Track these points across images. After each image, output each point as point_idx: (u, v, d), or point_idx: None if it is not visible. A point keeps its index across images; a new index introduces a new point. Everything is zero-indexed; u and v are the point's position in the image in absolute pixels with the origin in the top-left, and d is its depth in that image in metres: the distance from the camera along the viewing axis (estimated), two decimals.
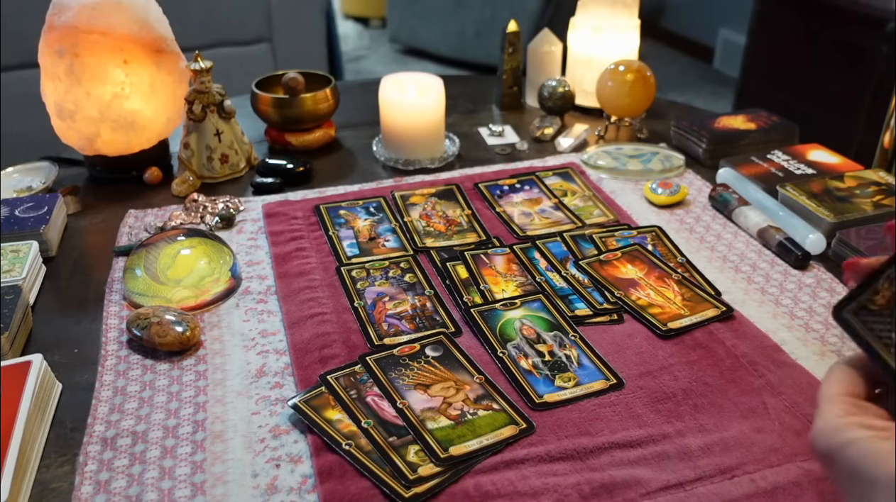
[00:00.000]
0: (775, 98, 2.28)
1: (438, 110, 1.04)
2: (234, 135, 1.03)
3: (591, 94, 1.19)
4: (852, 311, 0.45)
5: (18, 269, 0.77)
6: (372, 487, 0.54)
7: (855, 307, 0.45)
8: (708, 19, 3.68)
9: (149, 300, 0.74)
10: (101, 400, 0.64)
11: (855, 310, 0.45)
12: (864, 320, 0.45)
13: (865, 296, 0.45)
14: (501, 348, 0.69)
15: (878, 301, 0.45)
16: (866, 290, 0.45)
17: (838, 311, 0.46)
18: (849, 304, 0.46)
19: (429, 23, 3.58)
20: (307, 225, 0.89)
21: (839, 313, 0.46)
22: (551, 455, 0.57)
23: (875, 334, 0.44)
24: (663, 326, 0.71)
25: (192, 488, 0.55)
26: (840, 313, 0.46)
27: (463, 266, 0.81)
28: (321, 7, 2.39)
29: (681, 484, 0.55)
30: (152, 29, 0.95)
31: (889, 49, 1.93)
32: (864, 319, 0.45)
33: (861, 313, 0.45)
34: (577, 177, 1.00)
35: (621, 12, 1.18)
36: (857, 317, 0.45)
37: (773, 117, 1.10)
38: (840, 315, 0.46)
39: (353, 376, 0.64)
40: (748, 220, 0.88)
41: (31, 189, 0.98)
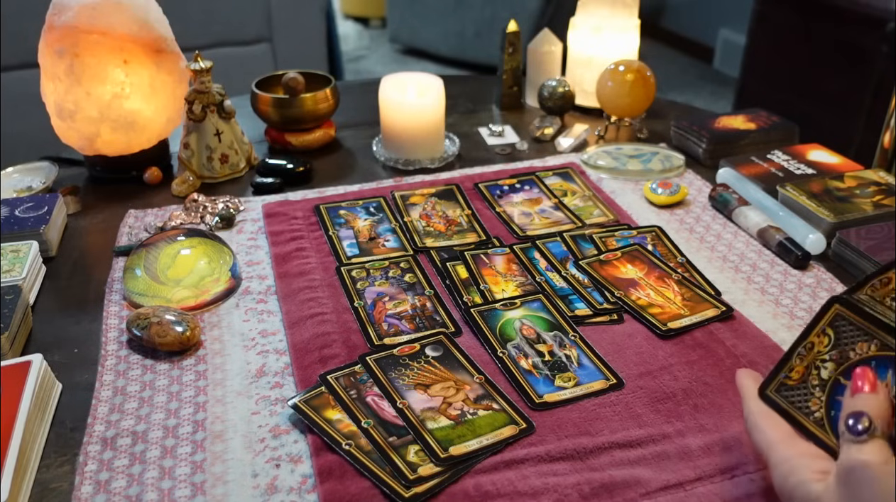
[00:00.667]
0: (775, 98, 2.28)
1: (438, 110, 1.04)
2: (234, 135, 1.03)
3: (591, 94, 1.19)
4: (774, 390, 0.52)
5: (18, 269, 0.77)
6: (372, 487, 0.54)
7: (776, 385, 0.52)
8: (708, 19, 3.68)
9: (149, 300, 0.74)
10: (101, 400, 0.64)
11: (776, 387, 0.52)
12: (784, 395, 0.51)
13: (783, 375, 0.51)
14: (501, 348, 0.69)
15: (793, 376, 0.51)
16: (783, 368, 0.52)
17: (763, 392, 0.52)
18: (770, 384, 0.52)
19: (429, 23, 3.58)
20: (307, 225, 0.89)
21: (764, 393, 0.52)
22: (551, 455, 0.57)
23: (795, 407, 0.50)
24: (663, 326, 0.71)
25: (192, 488, 0.55)
26: (764, 393, 0.52)
27: (463, 266, 0.81)
28: (321, 7, 2.39)
29: (681, 484, 0.55)
30: (152, 29, 0.95)
31: (889, 49, 1.93)
32: (784, 394, 0.51)
33: (781, 390, 0.51)
34: (577, 177, 1.00)
35: (621, 12, 1.18)
36: (779, 393, 0.51)
37: (773, 117, 1.10)
38: (765, 395, 0.52)
39: (353, 376, 0.64)
40: (748, 220, 0.88)
41: (31, 189, 0.98)
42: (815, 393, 0.50)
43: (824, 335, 0.51)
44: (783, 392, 0.51)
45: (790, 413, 0.50)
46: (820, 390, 0.49)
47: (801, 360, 0.51)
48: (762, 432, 0.50)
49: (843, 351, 0.49)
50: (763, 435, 0.50)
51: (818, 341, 0.51)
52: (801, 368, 0.51)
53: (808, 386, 0.50)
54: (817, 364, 0.50)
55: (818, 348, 0.50)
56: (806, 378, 0.50)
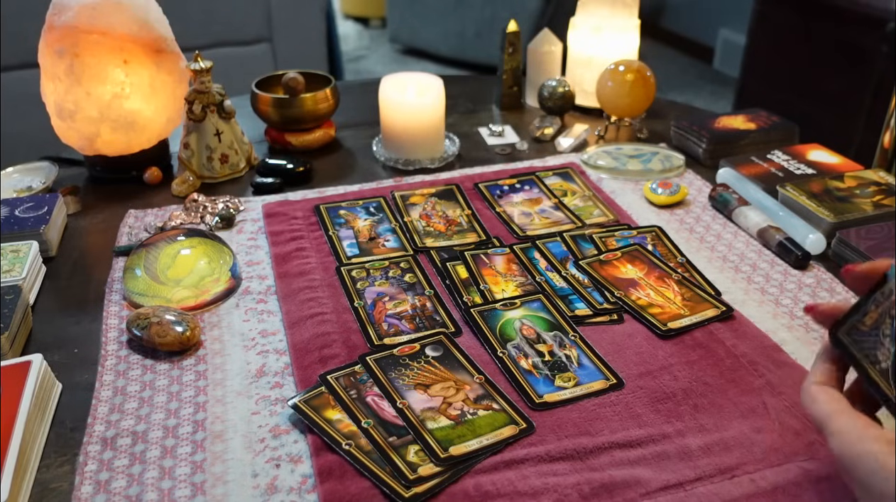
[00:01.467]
0: (775, 98, 2.28)
1: (438, 110, 1.04)
2: (234, 135, 1.03)
3: (591, 94, 1.19)
4: (845, 332, 0.50)
5: (18, 269, 0.77)
6: (372, 487, 0.54)
7: (847, 328, 0.50)
8: (708, 19, 3.68)
9: (149, 300, 0.74)
10: (101, 400, 0.64)
11: (847, 330, 0.50)
12: (854, 339, 0.50)
13: (856, 318, 0.50)
14: (501, 348, 0.69)
15: (866, 322, 0.50)
16: (857, 312, 0.50)
17: (834, 333, 0.50)
18: (842, 326, 0.50)
19: (429, 23, 3.58)
20: (307, 225, 0.89)
21: (834, 334, 0.50)
22: (551, 455, 0.57)
23: (863, 352, 0.49)
24: (663, 326, 0.71)
25: (192, 488, 0.55)
26: (835, 334, 0.50)
27: (463, 266, 0.81)
28: (321, 7, 2.39)
29: (681, 484, 0.55)
30: (152, 29, 0.95)
31: (889, 49, 1.93)
32: (855, 338, 0.50)
33: (853, 333, 0.50)
34: (577, 177, 1.00)
35: (621, 12, 1.18)
36: (850, 336, 0.50)
37: (773, 117, 1.10)
38: (835, 335, 0.50)
39: (353, 376, 0.64)
40: (748, 220, 0.88)
41: (31, 189, 0.98)
42: (885, 342, 0.48)
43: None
44: (854, 335, 0.49)
45: (857, 358, 0.49)
46: (891, 341, 0.48)
47: (876, 306, 0.49)
48: (820, 403, 0.49)
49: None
50: (822, 406, 0.49)
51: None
52: (875, 314, 0.49)
53: (879, 334, 0.48)
54: (892, 313, 0.48)
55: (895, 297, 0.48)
56: (879, 325, 0.49)
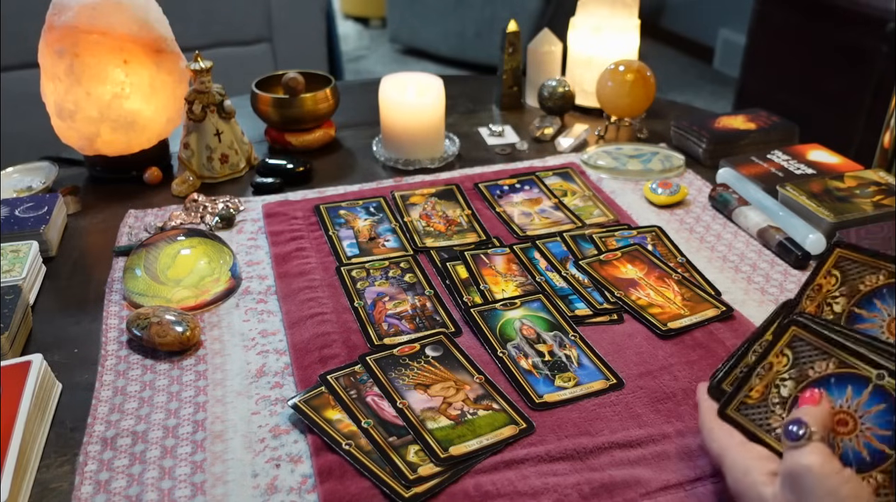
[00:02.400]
0: (775, 98, 2.28)
1: (438, 110, 1.04)
2: (234, 135, 1.03)
3: (591, 94, 1.19)
4: (734, 409, 0.53)
5: (18, 269, 0.77)
6: (372, 487, 0.54)
7: (736, 404, 0.52)
8: (708, 19, 3.68)
9: (149, 300, 0.74)
10: (101, 400, 0.64)
11: (736, 407, 0.52)
12: (745, 414, 0.52)
13: (742, 394, 0.52)
14: (501, 348, 0.69)
15: (753, 396, 0.52)
16: (741, 390, 0.53)
17: (723, 412, 0.53)
18: (730, 404, 0.53)
19: (429, 23, 3.58)
20: (307, 225, 0.89)
21: (724, 413, 0.53)
22: (551, 455, 0.57)
23: (756, 424, 0.51)
24: (663, 326, 0.71)
25: (192, 488, 0.55)
26: (725, 413, 0.53)
27: (463, 266, 0.81)
28: (321, 7, 2.39)
29: (681, 484, 0.55)
30: (152, 29, 0.95)
31: (889, 49, 1.93)
32: (745, 412, 0.52)
33: (742, 408, 0.53)
34: (577, 177, 1.00)
35: (621, 12, 1.18)
36: (740, 412, 0.52)
37: (773, 117, 1.10)
38: (725, 414, 0.53)
39: (353, 376, 0.64)
40: (748, 220, 0.88)
41: (31, 189, 0.98)
42: (775, 410, 0.51)
43: (783, 355, 0.52)
44: (743, 410, 0.52)
45: (751, 430, 0.51)
46: (781, 407, 0.51)
47: (760, 380, 0.52)
48: (717, 439, 0.52)
49: (803, 369, 0.51)
50: (718, 442, 0.51)
51: (777, 361, 0.52)
52: (761, 387, 0.52)
53: (768, 404, 0.51)
54: (777, 383, 0.52)
55: (777, 368, 0.52)
56: (766, 396, 0.52)
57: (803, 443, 0.45)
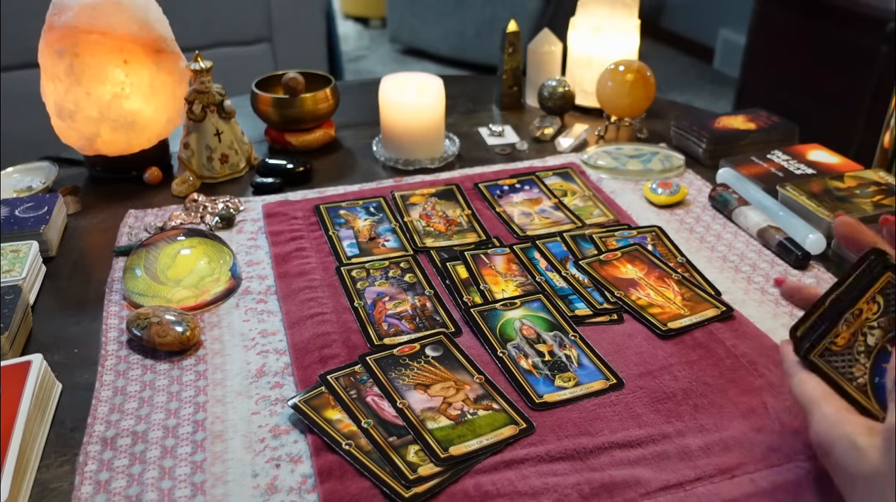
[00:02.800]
0: (775, 98, 2.28)
1: (438, 110, 1.04)
2: (234, 135, 1.03)
3: (591, 94, 1.19)
4: (818, 355, 0.51)
5: (18, 269, 0.77)
6: (372, 487, 0.54)
7: (820, 350, 0.51)
8: (708, 19, 3.68)
9: (149, 300, 0.74)
10: (101, 400, 0.64)
11: (820, 352, 0.51)
12: (828, 361, 0.51)
13: (828, 339, 0.51)
14: (501, 348, 0.69)
15: (839, 342, 0.51)
16: (828, 334, 0.51)
17: (807, 356, 0.51)
18: (815, 348, 0.51)
19: (429, 23, 3.58)
20: (307, 225, 0.89)
21: (807, 358, 0.51)
22: (551, 455, 0.57)
23: (839, 372, 0.50)
24: (663, 326, 0.71)
25: (192, 488, 0.55)
26: (808, 357, 0.51)
27: (463, 266, 0.81)
28: (321, 7, 2.39)
29: (681, 484, 0.55)
30: (152, 29, 0.95)
31: (889, 49, 1.93)
32: (829, 359, 0.51)
33: (826, 355, 0.51)
34: (577, 177, 1.00)
35: (621, 12, 1.18)
36: (823, 358, 0.51)
37: (773, 117, 1.10)
38: (808, 359, 0.51)
39: (353, 376, 0.64)
40: (748, 220, 0.88)
41: (31, 189, 0.98)
42: (860, 359, 0.50)
43: (874, 302, 0.50)
44: (827, 357, 0.51)
45: (833, 378, 0.50)
46: (865, 357, 0.50)
47: (847, 327, 0.50)
48: (807, 388, 0.50)
49: (892, 318, 0.49)
50: (807, 390, 0.50)
51: (867, 308, 0.50)
52: (847, 334, 0.50)
53: (853, 352, 0.50)
54: (864, 330, 0.50)
55: (866, 315, 0.50)
56: (852, 344, 0.50)
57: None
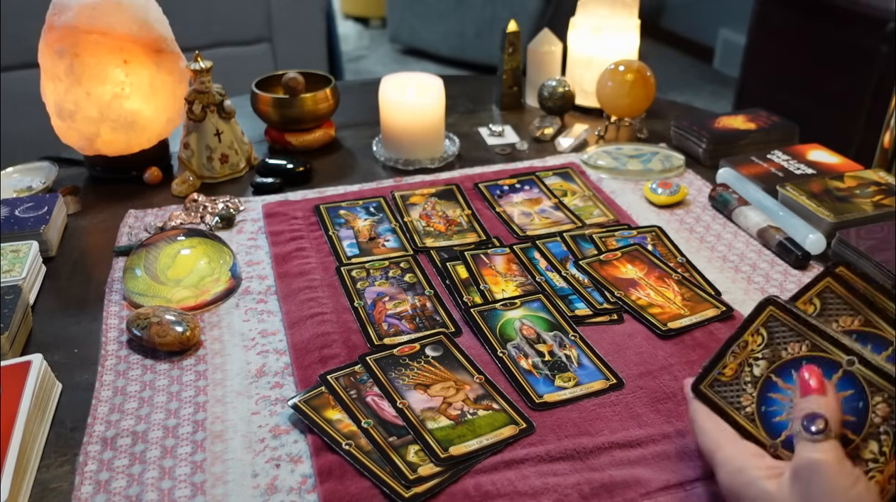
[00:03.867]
0: (775, 98, 2.28)
1: (438, 110, 1.04)
2: (234, 135, 1.03)
3: (591, 94, 1.19)
4: (707, 386, 0.53)
5: (18, 269, 0.77)
6: (372, 487, 0.55)
7: (709, 381, 0.53)
8: (708, 19, 3.68)
9: (149, 300, 0.74)
10: (101, 400, 0.64)
11: (710, 383, 0.53)
12: (717, 391, 0.53)
13: (717, 370, 0.53)
14: (501, 348, 0.69)
15: (727, 373, 0.53)
16: (716, 366, 0.53)
17: (697, 387, 0.53)
18: (703, 380, 0.53)
19: (429, 23, 3.58)
20: (307, 225, 0.89)
21: (698, 389, 0.53)
22: (551, 455, 0.57)
23: (727, 401, 0.52)
24: (663, 326, 0.71)
25: (192, 488, 0.55)
26: (698, 389, 0.53)
27: (463, 266, 0.81)
28: (321, 7, 2.39)
29: (681, 484, 0.55)
30: (152, 29, 0.95)
31: (889, 49, 1.93)
32: (717, 390, 0.53)
33: (714, 386, 0.53)
34: (577, 177, 1.00)
35: (621, 12, 1.18)
36: (713, 389, 0.53)
37: (773, 117, 1.10)
38: (698, 390, 0.53)
39: (353, 376, 0.64)
40: (748, 220, 0.88)
41: (31, 189, 0.98)
42: (746, 389, 0.52)
43: (758, 334, 0.52)
44: (716, 387, 0.53)
45: (722, 408, 0.52)
46: (752, 386, 0.51)
47: (734, 358, 0.53)
48: (707, 433, 0.51)
49: (776, 350, 0.51)
50: (709, 437, 0.51)
51: (752, 340, 0.52)
52: (734, 365, 0.52)
53: (740, 382, 0.52)
54: (750, 361, 0.52)
55: (752, 346, 0.52)
56: (739, 374, 0.52)
57: (820, 439, 0.44)
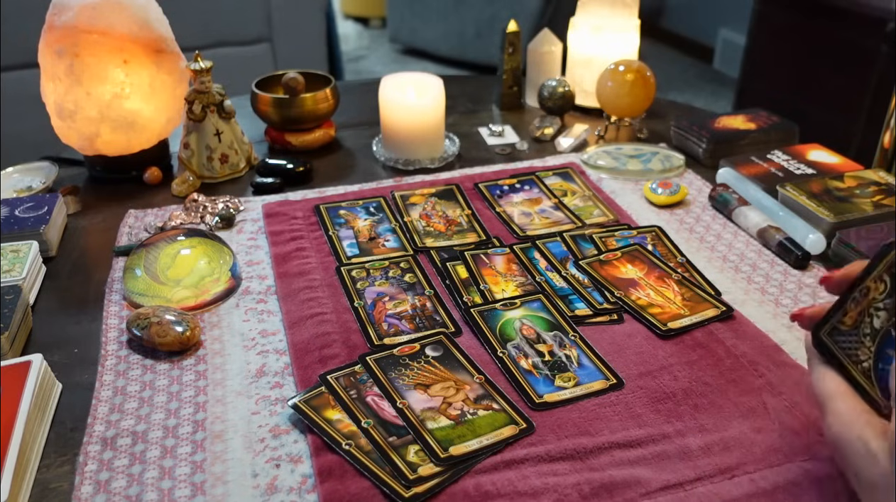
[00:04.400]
0: (775, 98, 2.28)
1: (438, 110, 1.04)
2: (234, 136, 1.03)
3: (591, 94, 1.19)
4: (827, 333, 0.50)
5: (18, 269, 0.77)
6: (372, 487, 0.54)
7: (829, 329, 0.50)
8: (708, 19, 3.69)
9: (149, 300, 0.74)
10: (101, 400, 0.64)
11: (829, 331, 0.50)
12: (835, 340, 0.50)
13: (836, 318, 0.50)
14: (501, 348, 0.69)
15: (846, 322, 0.50)
16: (837, 312, 0.50)
17: (816, 334, 0.51)
18: (823, 327, 0.51)
19: (429, 23, 3.58)
20: (307, 225, 0.89)
21: (817, 336, 0.50)
22: (551, 455, 0.57)
23: (844, 352, 0.49)
24: (663, 326, 0.71)
25: (192, 488, 0.55)
26: (818, 336, 0.50)
27: (463, 266, 0.81)
28: (321, 7, 2.39)
29: (681, 484, 0.55)
30: (152, 29, 0.95)
31: (889, 49, 1.93)
32: (836, 339, 0.50)
33: (834, 334, 0.50)
34: (577, 177, 1.00)
35: (621, 12, 1.18)
36: (832, 337, 0.50)
37: (773, 117, 1.10)
38: (818, 337, 0.50)
39: (353, 376, 0.64)
40: (748, 220, 0.88)
41: (31, 189, 0.98)
42: (865, 341, 0.48)
43: (881, 281, 0.48)
44: (836, 336, 0.49)
45: (839, 358, 0.49)
46: (870, 339, 0.48)
47: (855, 305, 0.49)
48: (826, 381, 0.49)
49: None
50: (828, 385, 0.49)
51: (874, 287, 0.48)
52: (854, 313, 0.49)
53: (859, 333, 0.49)
54: (871, 311, 0.48)
55: (873, 294, 0.48)
56: (858, 324, 0.49)
57: None
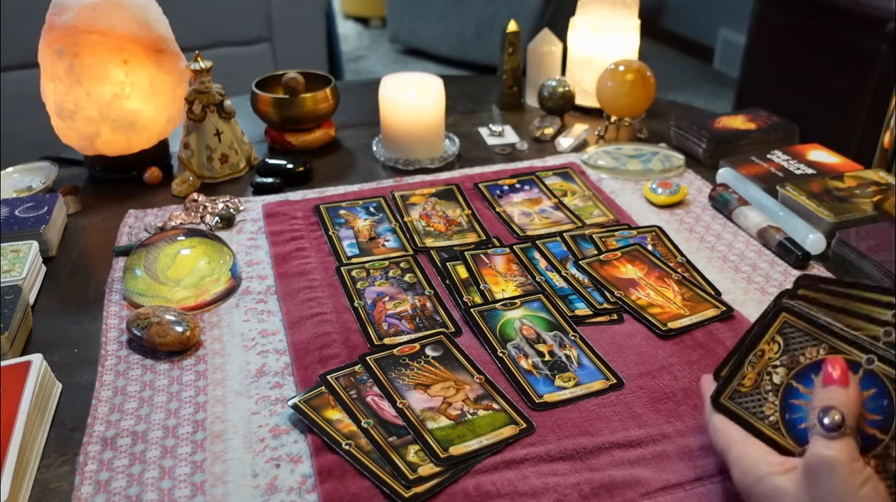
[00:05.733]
0: (775, 98, 2.28)
1: (438, 110, 1.04)
2: (234, 136, 1.03)
3: (591, 94, 1.19)
4: (728, 397, 0.53)
5: (18, 269, 0.77)
6: (372, 487, 0.55)
7: (729, 393, 0.53)
8: (708, 19, 3.68)
9: (149, 300, 0.74)
10: (101, 400, 0.64)
11: (730, 394, 0.53)
12: (738, 402, 0.52)
13: (736, 381, 0.53)
14: (501, 348, 0.69)
15: (746, 383, 0.52)
16: (734, 378, 0.53)
17: (717, 400, 0.53)
18: (724, 392, 0.53)
19: (429, 23, 3.58)
20: (307, 225, 0.89)
21: (718, 402, 0.53)
22: (551, 455, 0.57)
23: (748, 411, 0.52)
24: (663, 326, 0.71)
25: (192, 488, 0.55)
26: (719, 402, 0.53)
27: (463, 266, 0.81)
28: (321, 7, 2.39)
29: (681, 484, 0.55)
30: (152, 29, 0.95)
31: (889, 49, 1.93)
32: (738, 401, 0.52)
33: (735, 397, 0.53)
34: (577, 177, 1.00)
35: (621, 12, 1.18)
36: (733, 400, 0.52)
37: (773, 117, 1.10)
38: (719, 403, 0.53)
39: (353, 376, 0.64)
40: (748, 220, 0.88)
41: (31, 189, 0.98)
42: (768, 397, 0.51)
43: (774, 342, 0.52)
44: (737, 399, 0.52)
45: (745, 418, 0.51)
46: (773, 395, 0.51)
47: (752, 367, 0.52)
48: (722, 432, 0.51)
49: (794, 356, 0.51)
50: (722, 435, 0.51)
51: (768, 348, 0.52)
52: (752, 375, 0.52)
53: (761, 391, 0.52)
54: (769, 370, 0.52)
55: (769, 355, 0.52)
56: (759, 384, 0.52)
57: (834, 435, 0.43)
